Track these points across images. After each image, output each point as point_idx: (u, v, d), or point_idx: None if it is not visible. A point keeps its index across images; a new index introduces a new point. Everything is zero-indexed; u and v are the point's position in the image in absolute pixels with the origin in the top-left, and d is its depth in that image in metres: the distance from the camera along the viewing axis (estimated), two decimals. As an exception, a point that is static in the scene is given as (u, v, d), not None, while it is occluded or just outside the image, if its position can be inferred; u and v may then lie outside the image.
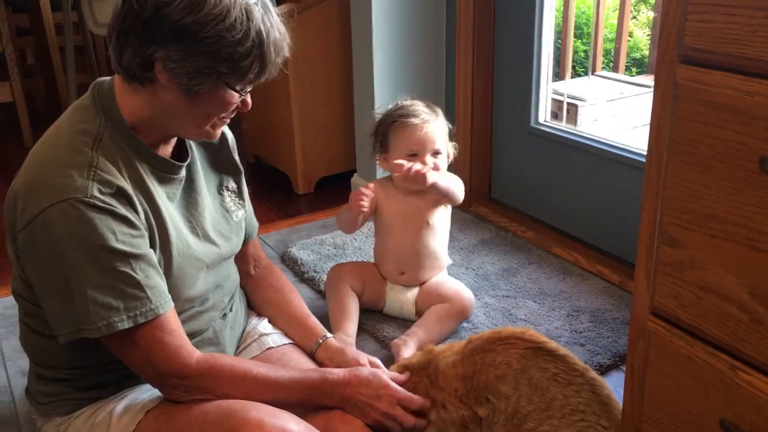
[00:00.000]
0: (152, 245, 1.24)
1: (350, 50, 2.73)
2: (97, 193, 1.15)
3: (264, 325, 1.59)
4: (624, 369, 1.78)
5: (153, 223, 1.25)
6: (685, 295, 0.99)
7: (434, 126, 1.87)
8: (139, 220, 1.21)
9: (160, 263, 1.26)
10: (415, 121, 1.84)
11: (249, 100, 1.28)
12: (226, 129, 1.48)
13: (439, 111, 1.93)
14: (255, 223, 1.64)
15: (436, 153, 1.88)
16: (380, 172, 2.64)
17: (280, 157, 3.04)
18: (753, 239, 0.88)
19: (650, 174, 1.02)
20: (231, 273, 1.52)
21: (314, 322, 1.61)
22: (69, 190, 1.14)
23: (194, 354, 1.25)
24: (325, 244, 2.44)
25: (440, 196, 1.90)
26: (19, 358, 1.88)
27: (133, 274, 1.17)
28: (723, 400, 0.98)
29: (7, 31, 3.53)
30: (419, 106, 1.89)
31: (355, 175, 2.88)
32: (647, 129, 0.99)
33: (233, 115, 1.30)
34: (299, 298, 1.66)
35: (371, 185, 1.97)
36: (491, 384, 1.38)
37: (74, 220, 1.13)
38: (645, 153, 2.12)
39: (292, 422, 1.21)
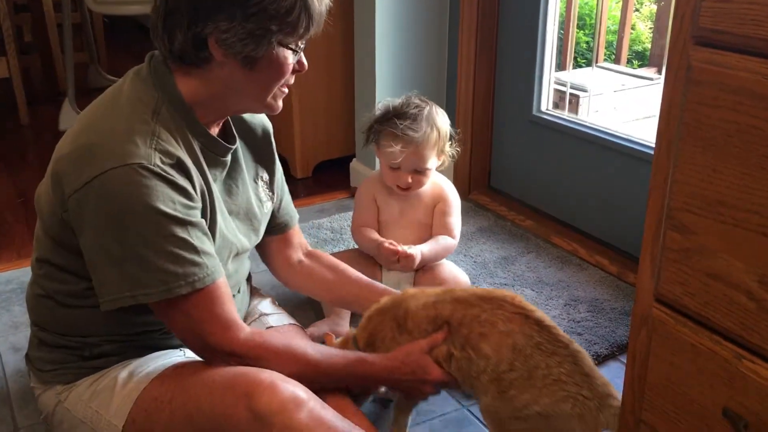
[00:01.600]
0: (203, 218, 1.25)
1: (352, 32, 2.71)
2: (159, 162, 1.16)
3: (265, 305, 1.59)
4: (621, 359, 1.77)
5: (207, 199, 1.26)
6: (692, 282, 0.98)
7: (423, 146, 1.78)
8: (196, 194, 1.22)
9: None
10: (396, 147, 1.76)
11: (304, 60, 1.29)
12: (265, 118, 1.50)
13: (439, 124, 1.81)
14: (294, 209, 1.64)
15: (419, 170, 1.82)
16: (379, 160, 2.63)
17: (278, 140, 2.95)
18: (765, 226, 0.87)
19: (659, 159, 1.00)
20: (245, 261, 1.52)
21: (378, 285, 1.63)
22: (133, 155, 1.14)
23: (243, 330, 1.25)
24: (323, 228, 2.42)
25: (430, 262, 1.88)
26: (12, 335, 1.86)
27: (191, 240, 1.18)
28: (727, 390, 0.97)
29: (4, 6, 3.49)
30: (413, 122, 1.77)
31: (354, 160, 2.86)
32: (648, 121, 0.97)
33: (292, 81, 1.29)
34: (351, 269, 1.66)
35: (368, 184, 1.94)
36: (473, 339, 1.37)
37: (136, 185, 1.13)
38: (647, 144, 2.12)
39: (300, 388, 1.20)
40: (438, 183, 1.93)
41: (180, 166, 1.19)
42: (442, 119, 1.83)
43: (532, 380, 1.33)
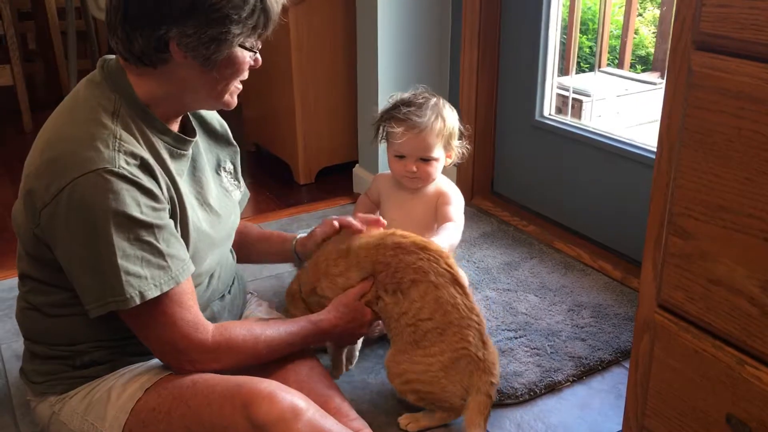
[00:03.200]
0: (173, 217, 1.25)
1: (355, 39, 2.71)
2: (124, 164, 1.16)
3: (261, 311, 1.59)
4: (625, 365, 1.77)
5: (174, 196, 1.26)
6: (694, 287, 0.97)
7: (426, 134, 1.77)
8: (162, 194, 1.22)
9: None
10: (399, 129, 1.76)
11: (259, 57, 1.31)
12: (217, 114, 1.53)
13: (445, 114, 1.80)
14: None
15: (426, 159, 1.80)
16: (382, 165, 2.63)
17: (281, 145, 3.02)
18: (767, 231, 0.86)
19: (661, 164, 1.00)
20: (230, 256, 1.52)
21: (280, 232, 1.77)
22: (96, 161, 1.14)
23: (209, 328, 1.27)
24: (325, 234, 2.41)
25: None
26: (14, 341, 1.86)
27: (157, 244, 1.19)
28: (730, 396, 0.96)
29: (8, 13, 3.51)
30: (418, 109, 1.78)
31: (357, 165, 2.86)
32: (651, 126, 0.97)
33: (246, 76, 1.32)
34: (253, 226, 1.78)
35: (380, 177, 1.93)
36: (404, 284, 1.48)
37: (102, 191, 1.14)
38: (650, 148, 2.11)
39: (299, 397, 1.20)
40: (439, 183, 1.91)
41: (145, 167, 1.20)
42: (449, 112, 1.83)
43: (444, 335, 1.46)
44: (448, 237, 1.79)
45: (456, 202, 1.88)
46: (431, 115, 1.78)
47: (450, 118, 1.82)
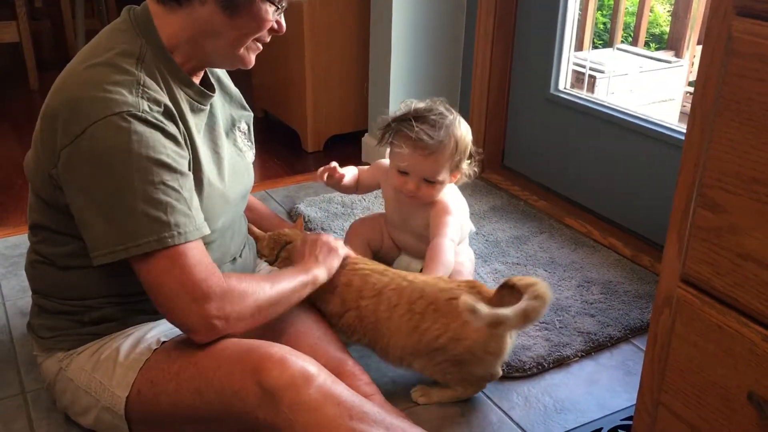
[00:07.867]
0: (189, 171, 1.24)
1: (369, 6, 2.66)
2: (147, 109, 1.15)
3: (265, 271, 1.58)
4: (634, 342, 1.75)
5: (190, 148, 1.24)
6: (722, 262, 0.95)
7: (435, 157, 1.65)
8: (183, 142, 1.21)
9: None
10: (406, 149, 1.64)
11: (283, 21, 1.30)
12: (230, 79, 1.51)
13: (459, 135, 1.67)
14: None
15: (431, 182, 1.69)
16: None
17: (290, 113, 2.98)
18: (802, 205, 0.84)
19: (692, 134, 0.97)
20: (242, 219, 1.51)
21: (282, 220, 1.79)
22: (120, 104, 1.13)
23: (219, 272, 1.22)
24: (333, 202, 2.39)
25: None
26: (19, 299, 1.85)
27: (182, 192, 1.16)
28: (753, 373, 0.95)
29: (15, -30, 3.46)
30: (431, 128, 1.64)
31: (366, 135, 2.83)
32: (665, 105, 0.95)
33: (268, 39, 1.31)
34: (260, 205, 1.79)
35: (384, 167, 1.85)
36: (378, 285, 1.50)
37: (126, 132, 1.11)
38: (666, 125, 2.08)
39: (310, 362, 1.19)
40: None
41: (168, 114, 1.19)
42: (463, 132, 1.69)
43: (438, 310, 1.43)
44: (442, 263, 1.65)
45: (452, 212, 1.75)
46: (444, 136, 1.65)
47: (463, 139, 1.70)
